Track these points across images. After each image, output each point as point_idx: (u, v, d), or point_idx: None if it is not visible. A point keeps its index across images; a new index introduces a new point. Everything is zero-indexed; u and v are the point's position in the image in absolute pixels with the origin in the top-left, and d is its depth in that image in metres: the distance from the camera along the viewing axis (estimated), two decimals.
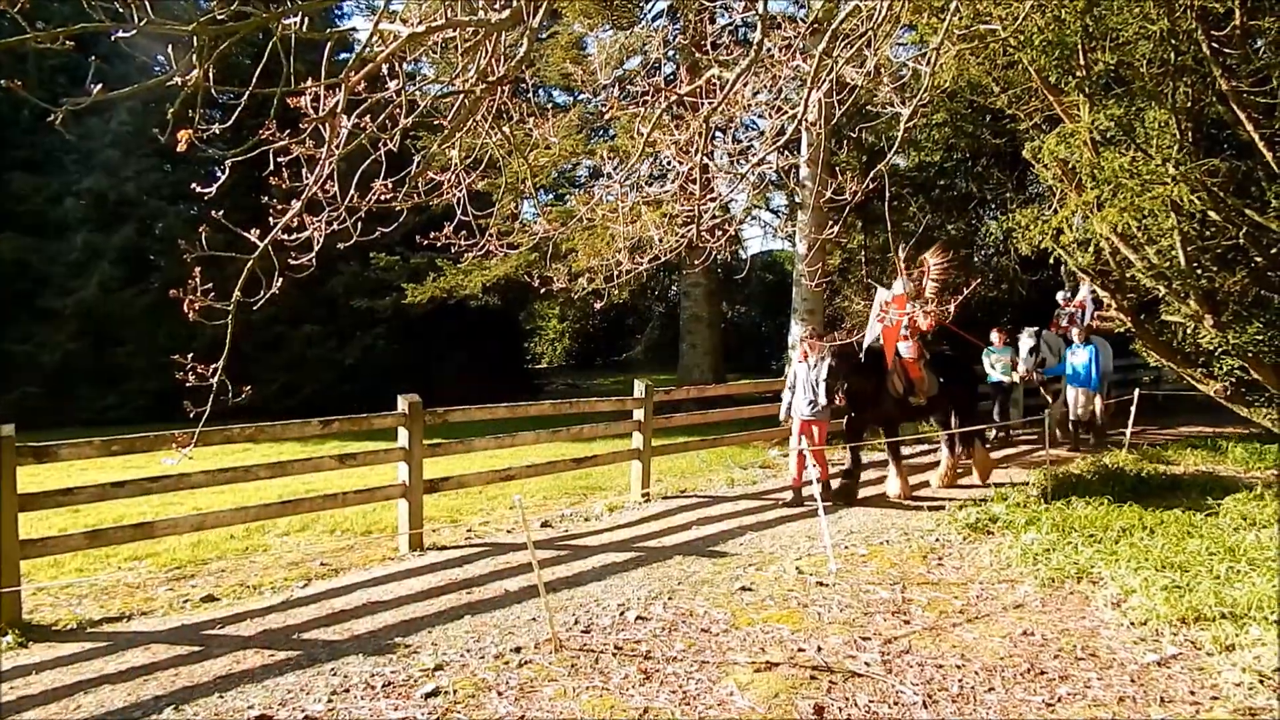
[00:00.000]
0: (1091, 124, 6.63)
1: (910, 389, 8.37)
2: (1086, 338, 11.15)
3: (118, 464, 10.09)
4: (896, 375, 8.31)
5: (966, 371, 9.62)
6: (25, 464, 5.16)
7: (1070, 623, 4.89)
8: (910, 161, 15.88)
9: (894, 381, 8.29)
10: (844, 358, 7.84)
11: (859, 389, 8.10)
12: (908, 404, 8.45)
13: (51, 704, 4.02)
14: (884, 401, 8.32)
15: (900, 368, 8.35)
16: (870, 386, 8.19)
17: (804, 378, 8.13)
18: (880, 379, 8.25)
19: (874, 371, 8.22)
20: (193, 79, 2.98)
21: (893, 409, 8.46)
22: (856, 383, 8.05)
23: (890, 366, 8.26)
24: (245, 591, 5.77)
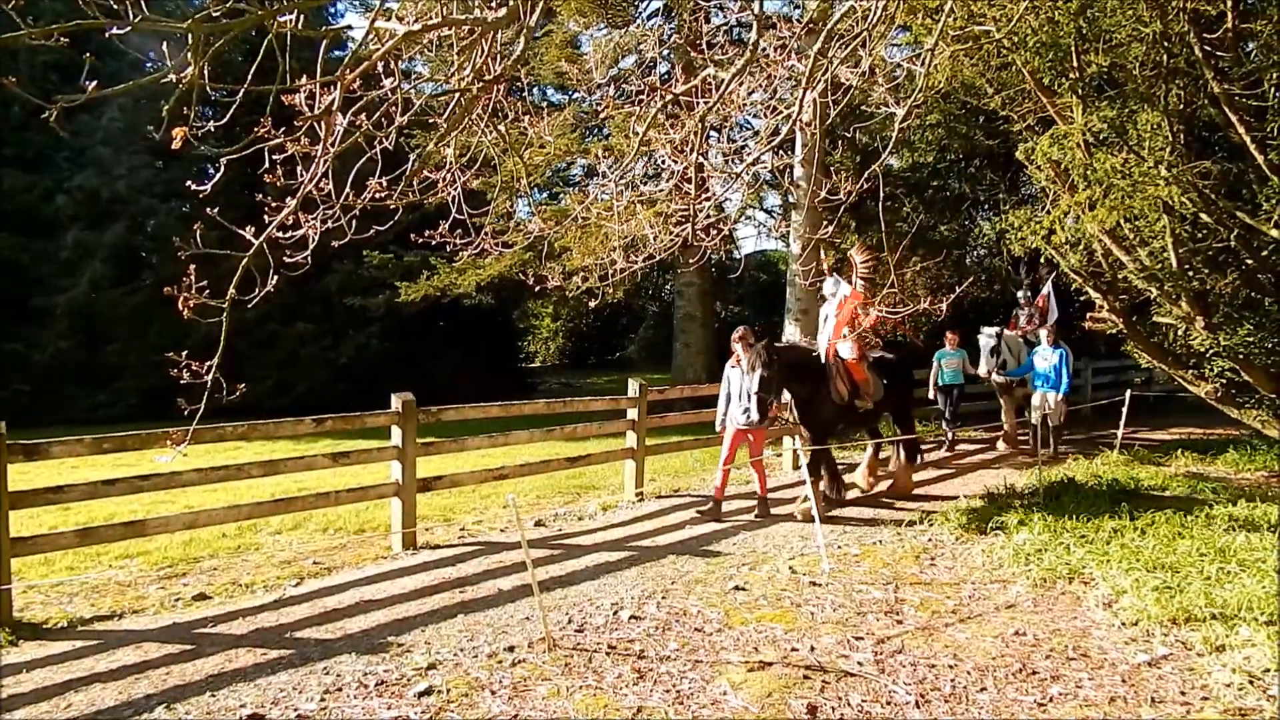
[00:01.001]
0: (1084, 125, 6.66)
1: (856, 392, 7.80)
2: (1055, 340, 10.67)
3: (109, 462, 10.04)
4: (840, 379, 7.68)
5: (906, 374, 9.07)
6: (16, 462, 5.13)
7: (1062, 623, 4.91)
8: (904, 162, 15.92)
9: (838, 386, 7.65)
10: (779, 365, 7.19)
11: (799, 396, 7.64)
12: (853, 409, 7.85)
13: (42, 702, 4.00)
14: (826, 408, 7.69)
15: (844, 371, 7.77)
16: (810, 392, 7.62)
17: (738, 384, 7.61)
18: (821, 384, 7.64)
19: (815, 376, 7.63)
20: (188, 76, 2.97)
21: (835, 415, 7.83)
22: (796, 390, 7.57)
23: (833, 370, 7.68)
24: (237, 590, 5.75)
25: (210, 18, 2.99)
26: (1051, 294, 11.68)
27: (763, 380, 7.05)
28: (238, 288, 3.36)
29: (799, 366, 7.49)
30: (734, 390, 7.66)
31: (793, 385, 7.52)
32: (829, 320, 8.00)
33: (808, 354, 7.79)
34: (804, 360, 7.62)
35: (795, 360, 7.50)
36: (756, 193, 16.78)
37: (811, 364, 7.64)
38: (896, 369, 8.57)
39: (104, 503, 7.53)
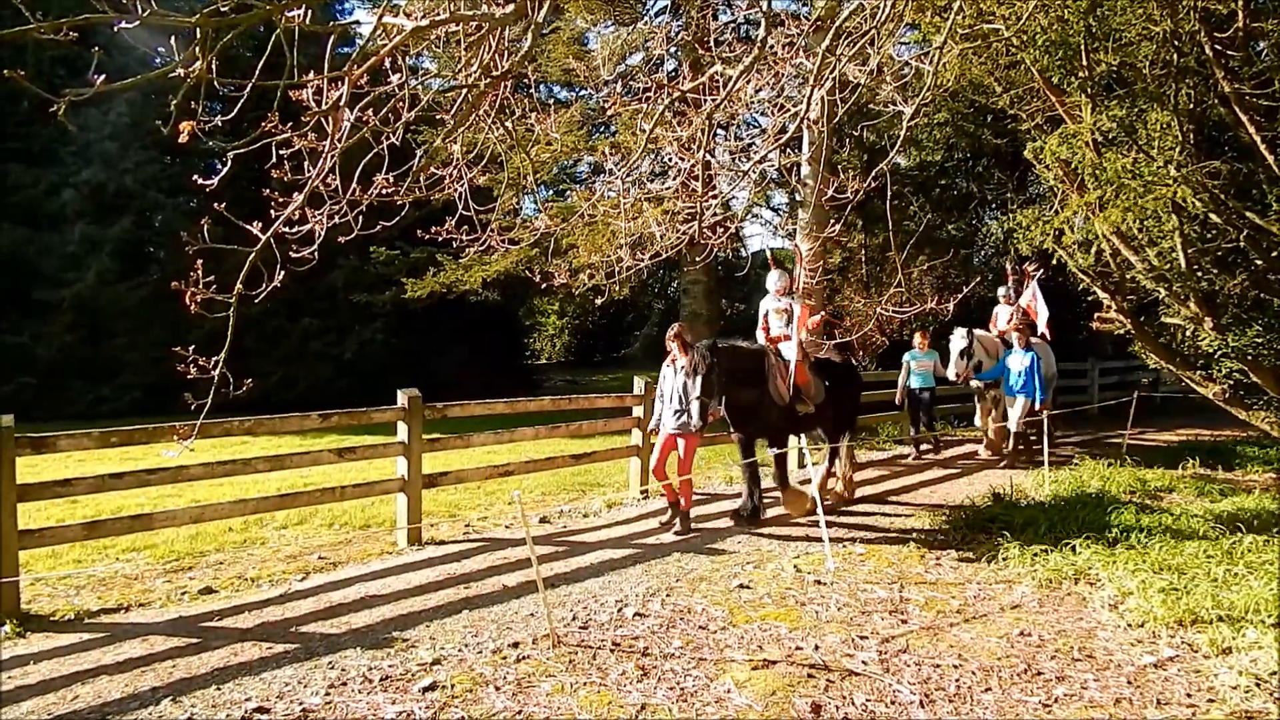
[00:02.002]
0: (1093, 125, 6.63)
1: (797, 395, 7.34)
2: (1027, 343, 10.06)
3: (115, 455, 10.06)
4: (781, 381, 7.25)
5: (853, 377, 8.46)
6: (24, 455, 5.15)
7: (1067, 624, 4.90)
8: (911, 161, 15.89)
9: (778, 388, 7.23)
10: (721, 368, 6.72)
11: (740, 400, 7.12)
12: (794, 413, 7.41)
13: (49, 694, 4.01)
14: (768, 412, 7.25)
15: (784, 371, 7.35)
16: (752, 396, 7.15)
17: (671, 384, 7.08)
18: (763, 386, 7.18)
19: (755, 378, 7.16)
20: (195, 71, 2.97)
21: (778, 420, 7.37)
22: (737, 393, 7.06)
23: (773, 371, 7.25)
24: (243, 584, 5.77)
25: (218, 13, 2.99)
26: (1038, 294, 11.14)
27: (705, 383, 6.58)
28: (244, 283, 3.36)
29: (742, 368, 7.03)
30: (667, 391, 7.15)
31: (735, 389, 7.03)
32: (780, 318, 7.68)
33: (750, 354, 7.26)
34: (747, 361, 7.15)
35: (738, 361, 7.01)
36: (763, 191, 16.77)
37: (755, 365, 7.21)
38: (840, 372, 8.08)
39: (111, 496, 7.56)
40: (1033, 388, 9.73)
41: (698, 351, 6.67)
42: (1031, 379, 9.73)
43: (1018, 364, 9.89)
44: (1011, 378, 9.93)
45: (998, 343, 10.63)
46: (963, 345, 10.03)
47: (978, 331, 10.41)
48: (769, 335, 7.80)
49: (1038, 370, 9.75)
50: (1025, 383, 9.76)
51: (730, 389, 6.95)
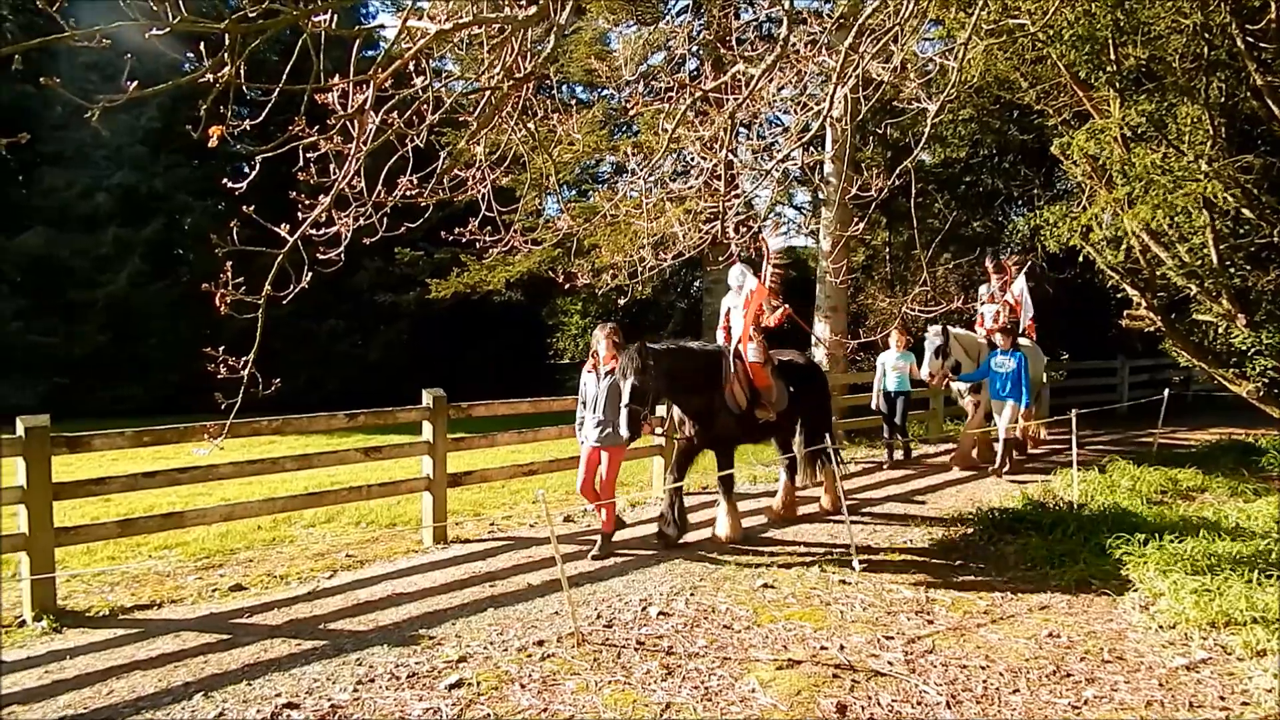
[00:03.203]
0: (1122, 120, 6.55)
1: (756, 401, 6.73)
2: (1014, 343, 9.38)
3: (148, 454, 10.20)
4: (739, 385, 6.61)
5: (819, 380, 7.77)
6: (59, 454, 5.26)
7: (1097, 625, 4.84)
8: (936, 158, 15.75)
9: (735, 393, 6.58)
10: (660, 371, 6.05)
11: (687, 406, 6.58)
12: (753, 420, 6.77)
13: (85, 688, 4.09)
14: (721, 419, 6.58)
15: (743, 374, 6.71)
16: (701, 402, 6.52)
17: (594, 391, 6.34)
18: (714, 391, 6.54)
19: (706, 382, 6.53)
20: (224, 76, 3.01)
21: (733, 428, 6.70)
22: (684, 399, 6.52)
23: (730, 374, 6.63)
24: (272, 581, 5.84)
25: (246, 18, 3.04)
26: (1025, 290, 10.50)
27: (634, 390, 5.81)
28: (273, 284, 3.41)
29: (685, 371, 6.38)
30: (589, 398, 6.39)
31: (680, 395, 6.47)
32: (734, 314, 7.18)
33: (700, 355, 6.64)
34: (695, 363, 6.51)
35: (680, 364, 6.35)
36: (786, 189, 16.69)
37: (702, 367, 6.55)
38: (804, 373, 7.46)
39: (143, 494, 7.69)
40: (1019, 391, 9.13)
41: (628, 353, 5.96)
42: (1018, 383, 9.12)
43: (1003, 366, 9.26)
44: (997, 381, 9.29)
45: (980, 343, 9.96)
46: (937, 343, 9.31)
47: (956, 330, 9.82)
48: (729, 335, 7.23)
49: (1025, 373, 9.15)
50: (1012, 387, 9.16)
51: (676, 394, 6.43)
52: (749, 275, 7.00)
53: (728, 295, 7.38)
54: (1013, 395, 9.15)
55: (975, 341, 9.89)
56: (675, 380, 6.27)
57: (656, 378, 5.97)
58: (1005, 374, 9.19)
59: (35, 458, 5.07)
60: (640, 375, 5.85)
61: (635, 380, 5.83)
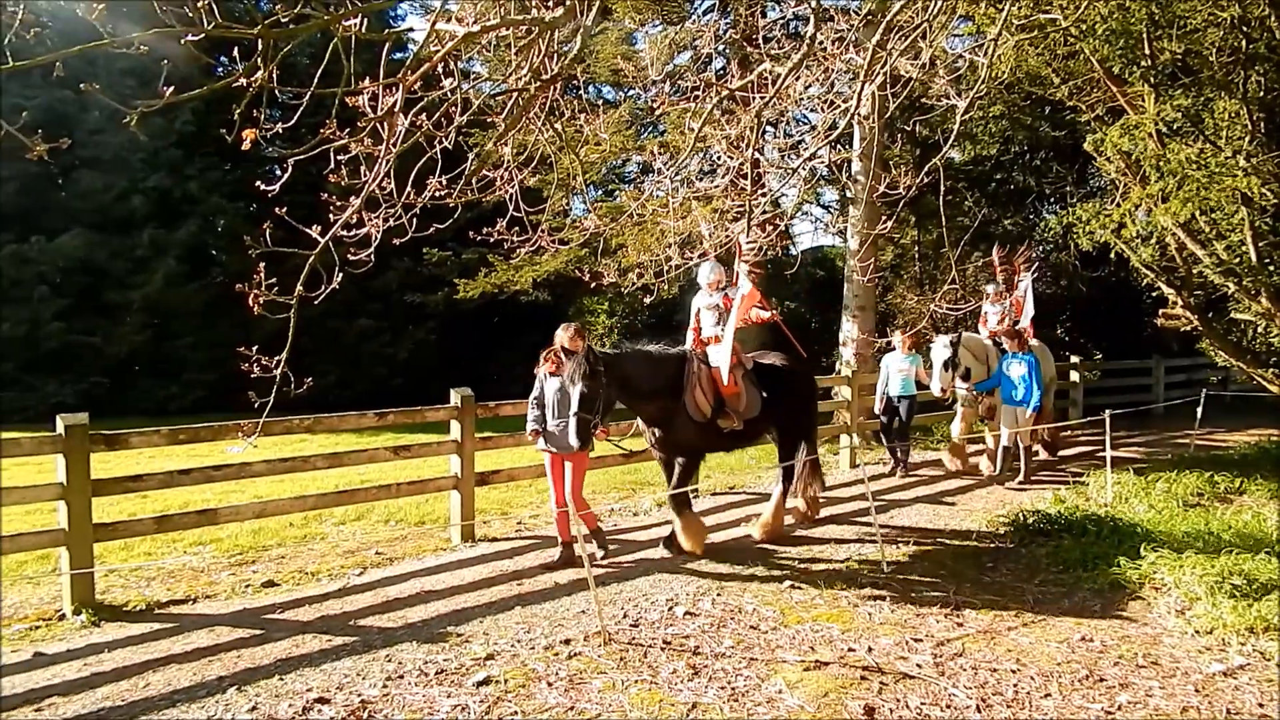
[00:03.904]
0: (1157, 115, 6.43)
1: (720, 409, 6.25)
2: (1024, 345, 8.90)
3: (183, 452, 10.40)
4: (701, 391, 6.15)
5: (801, 384, 7.15)
6: (98, 451, 5.38)
7: (1131, 629, 4.77)
8: (966, 155, 15.57)
9: (697, 400, 6.13)
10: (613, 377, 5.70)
11: (645, 415, 6.22)
12: (716, 430, 6.28)
13: (122, 681, 4.18)
14: (681, 428, 6.15)
15: (706, 380, 6.24)
16: (660, 409, 6.12)
17: (551, 396, 6.00)
18: (674, 398, 6.12)
19: (665, 389, 6.11)
20: (257, 80, 3.07)
21: (695, 438, 6.23)
22: (641, 407, 6.15)
23: (692, 380, 6.18)
24: (304, 578, 5.93)
25: (279, 23, 3.09)
26: (1029, 290, 9.93)
27: (584, 397, 5.49)
28: (304, 284, 3.46)
29: (642, 377, 6.00)
30: (547, 403, 6.07)
31: (637, 402, 6.09)
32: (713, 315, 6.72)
33: (659, 360, 6.22)
34: (649, 369, 6.10)
35: (636, 369, 5.99)
36: (813, 188, 16.59)
37: (661, 373, 6.14)
38: (784, 377, 6.87)
39: (178, 491, 7.84)
40: (1026, 395, 8.70)
41: (576, 358, 5.60)
42: (1030, 386, 8.69)
43: (1016, 370, 8.80)
44: (1011, 386, 8.84)
45: (986, 346, 9.48)
46: (946, 355, 8.76)
47: (967, 335, 9.37)
48: (699, 337, 6.79)
49: (1036, 376, 8.73)
50: (1024, 391, 8.72)
51: (632, 401, 6.04)
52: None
53: (697, 295, 6.92)
54: (1025, 400, 8.76)
55: (982, 344, 9.48)
56: (631, 386, 5.90)
57: (609, 384, 5.62)
58: (1016, 378, 8.81)
59: (75, 455, 5.19)
60: (589, 381, 5.50)
61: (584, 387, 5.49)
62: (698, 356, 6.39)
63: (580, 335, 5.99)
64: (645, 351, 6.27)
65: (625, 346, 6.14)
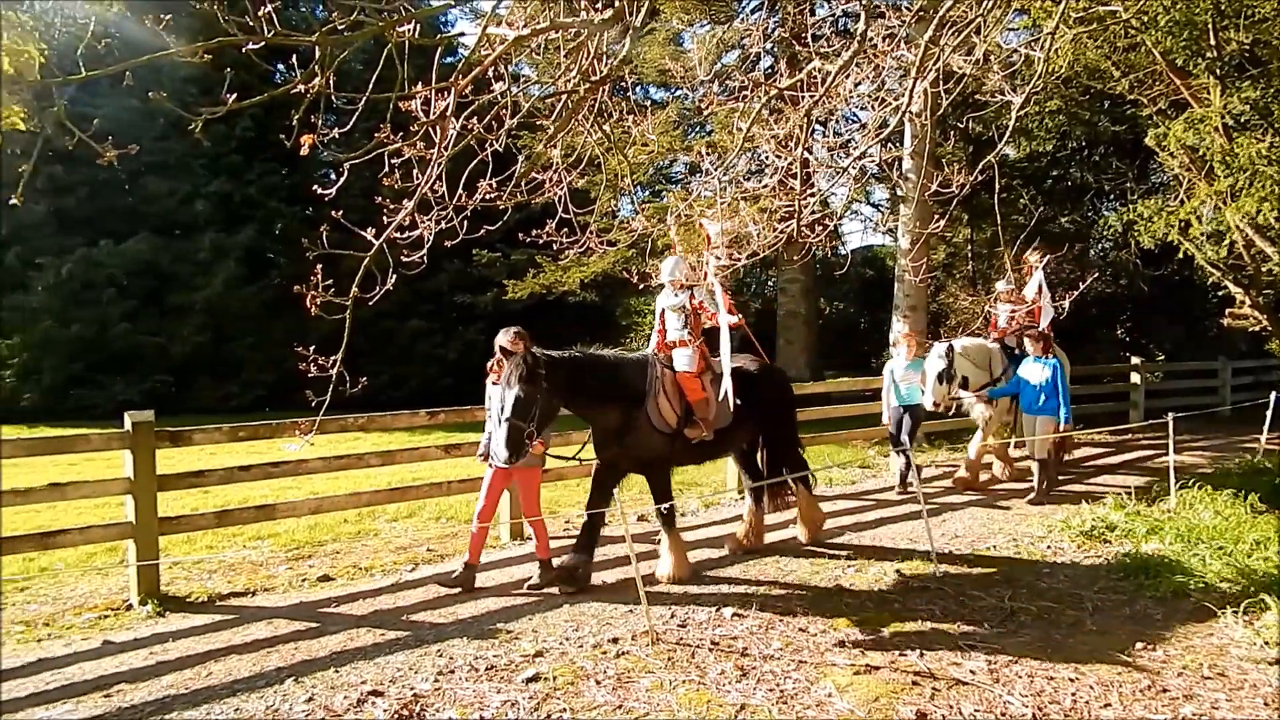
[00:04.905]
0: (1223, 108, 6.22)
1: (688, 418, 5.77)
2: (1049, 348, 8.12)
3: (242, 449, 10.71)
4: (666, 399, 5.68)
5: (778, 390, 6.62)
6: (162, 447, 5.57)
7: (1196, 639, 4.61)
8: (1021, 152, 15.24)
9: (661, 408, 5.65)
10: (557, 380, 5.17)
11: (600, 424, 5.67)
12: (682, 440, 5.78)
13: (186, 670, 4.33)
14: (644, 439, 5.63)
15: (672, 386, 5.77)
16: (617, 418, 5.58)
17: (498, 405, 5.35)
18: (634, 406, 5.60)
19: (623, 396, 5.60)
20: (315, 86, 3.15)
21: (660, 448, 5.70)
22: (594, 415, 5.64)
23: (656, 385, 5.70)
24: (358, 573, 6.06)
25: (335, 30, 3.16)
26: (1044, 287, 9.02)
27: (518, 402, 4.96)
28: (359, 286, 3.54)
29: (593, 383, 5.48)
30: (491, 413, 5.63)
31: (588, 410, 5.60)
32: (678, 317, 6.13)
33: (610, 365, 5.73)
34: (603, 374, 5.60)
35: (586, 374, 5.46)
36: (863, 187, 16.40)
37: (616, 378, 5.64)
38: (759, 382, 6.32)
39: (238, 487, 8.06)
40: (1056, 404, 7.88)
41: (514, 360, 5.11)
42: (1055, 394, 7.88)
43: (1037, 375, 7.99)
44: (1030, 393, 8.04)
45: (988, 350, 8.75)
46: (941, 367, 8.09)
47: (961, 342, 8.63)
48: (663, 340, 6.20)
49: (1062, 382, 7.90)
50: (1048, 398, 7.91)
51: (582, 409, 5.58)
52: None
53: (662, 294, 6.31)
54: (1047, 409, 7.94)
55: (982, 349, 8.76)
56: (580, 392, 5.39)
57: (551, 388, 5.11)
58: (1039, 385, 7.96)
59: (141, 451, 5.39)
60: (527, 386, 4.99)
61: (520, 391, 4.98)
62: (662, 361, 5.91)
63: (521, 337, 5.60)
64: (596, 354, 5.81)
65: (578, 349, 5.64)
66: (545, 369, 5.08)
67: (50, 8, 4.34)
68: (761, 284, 25.20)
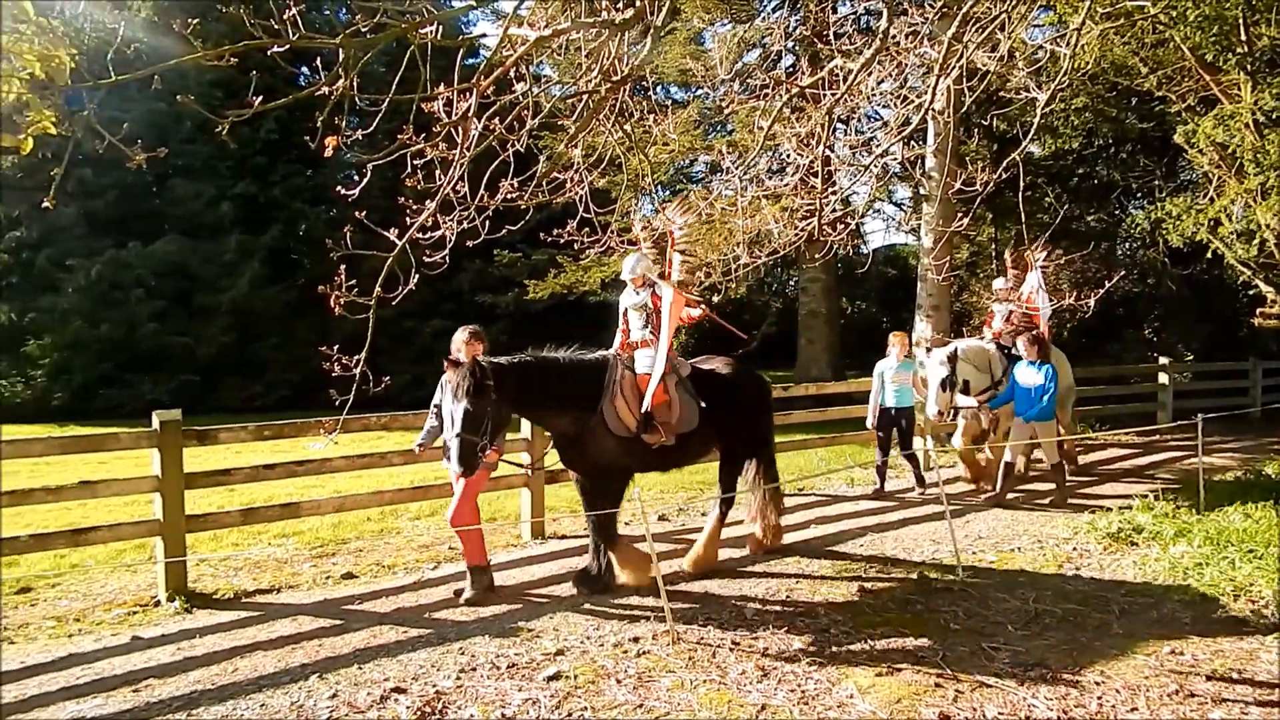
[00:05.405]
0: (1254, 104, 6.12)
1: (648, 423, 5.44)
2: (1045, 353, 7.84)
3: (267, 448, 10.85)
4: (624, 402, 5.40)
5: (750, 393, 6.27)
6: (189, 446, 5.65)
7: (1225, 644, 4.54)
8: (1046, 149, 15.07)
9: (619, 411, 5.38)
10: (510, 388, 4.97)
11: (553, 429, 5.49)
12: (642, 447, 5.46)
13: (213, 665, 4.38)
14: (599, 444, 5.37)
15: (631, 389, 5.48)
16: (571, 423, 5.34)
17: (448, 411, 5.19)
18: (588, 410, 5.36)
19: (576, 400, 5.35)
20: (339, 88, 3.18)
21: (616, 455, 5.42)
22: (548, 421, 5.45)
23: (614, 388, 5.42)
24: (381, 571, 6.11)
25: (358, 33, 3.19)
26: (1041, 285, 8.72)
27: (468, 416, 4.78)
28: (382, 286, 3.57)
29: (546, 387, 5.25)
30: (445, 415, 5.36)
31: (541, 415, 5.47)
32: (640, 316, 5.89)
33: (564, 368, 5.40)
34: (556, 378, 5.32)
35: (538, 378, 5.22)
36: (885, 185, 16.30)
37: (570, 382, 5.37)
38: (731, 387, 6.08)
39: (263, 485, 8.15)
40: (1052, 409, 7.65)
41: (461, 370, 4.89)
42: (1047, 396, 7.57)
43: (1030, 380, 7.68)
44: (1024, 398, 7.72)
45: (988, 352, 8.41)
46: (944, 374, 7.71)
47: (962, 344, 8.29)
48: (626, 340, 5.98)
49: (1054, 388, 7.64)
50: (1042, 402, 7.60)
51: (534, 415, 5.39)
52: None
53: (624, 292, 6.04)
54: (1045, 414, 7.65)
55: (983, 352, 8.41)
56: (531, 398, 5.20)
57: (501, 399, 4.92)
58: (1032, 389, 7.67)
59: (169, 449, 5.47)
60: (474, 399, 4.79)
61: (469, 404, 4.78)
62: (623, 362, 5.61)
63: (477, 337, 5.52)
64: (551, 358, 5.44)
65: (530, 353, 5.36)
66: (494, 378, 4.87)
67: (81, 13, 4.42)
68: (783, 283, 25.13)
